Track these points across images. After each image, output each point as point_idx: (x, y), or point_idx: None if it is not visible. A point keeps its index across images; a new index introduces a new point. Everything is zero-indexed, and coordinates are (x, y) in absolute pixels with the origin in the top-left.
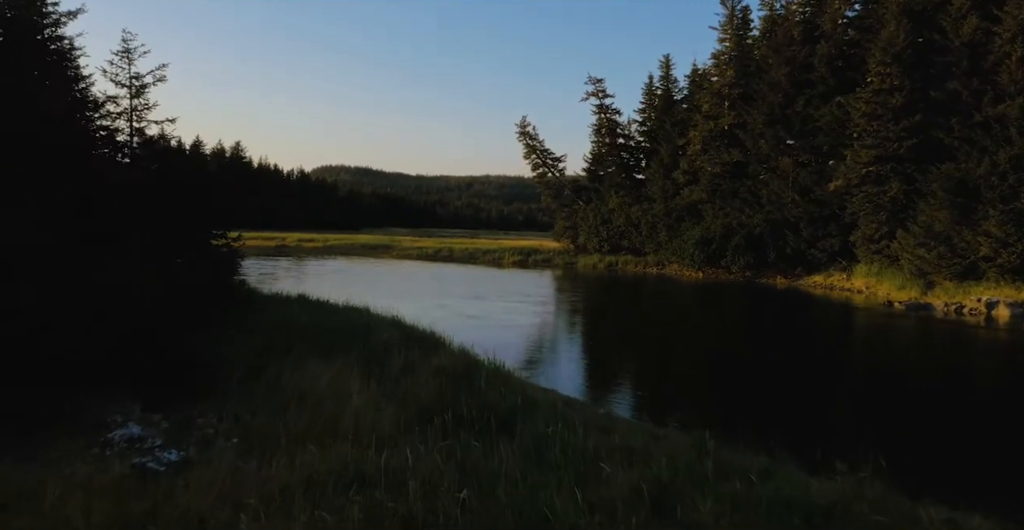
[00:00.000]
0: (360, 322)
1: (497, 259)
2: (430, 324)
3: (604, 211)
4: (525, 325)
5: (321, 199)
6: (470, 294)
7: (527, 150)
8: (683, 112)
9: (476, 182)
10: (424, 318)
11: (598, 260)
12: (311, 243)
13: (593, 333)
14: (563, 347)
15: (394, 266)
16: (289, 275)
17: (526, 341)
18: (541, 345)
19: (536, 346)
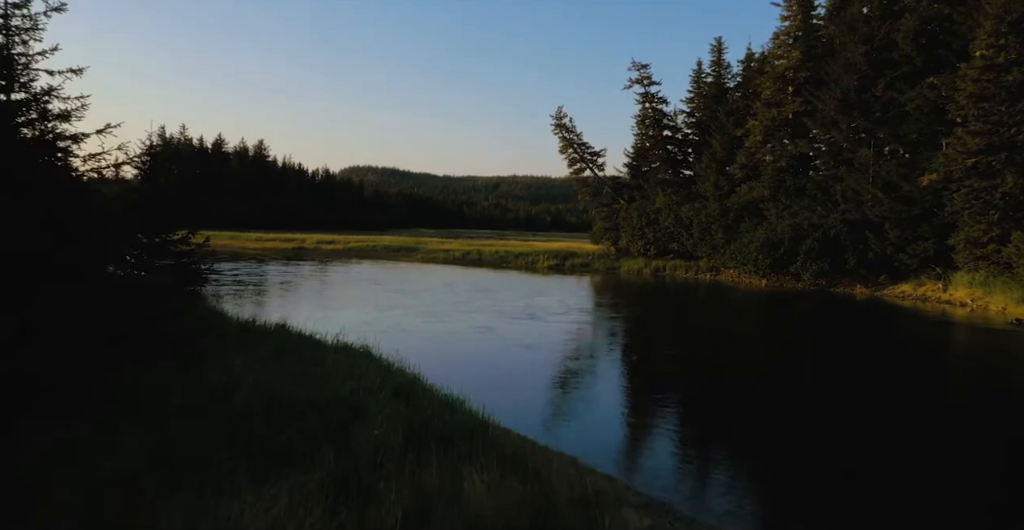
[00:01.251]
0: (347, 386)
1: (531, 263)
2: (470, 365)
3: (650, 211)
4: (600, 360)
5: (347, 199)
6: (517, 309)
7: (563, 144)
8: (738, 100)
9: (503, 182)
10: (464, 350)
11: (643, 265)
12: (331, 245)
13: (684, 380)
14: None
15: (421, 271)
16: (296, 284)
17: (616, 394)
18: (644, 406)
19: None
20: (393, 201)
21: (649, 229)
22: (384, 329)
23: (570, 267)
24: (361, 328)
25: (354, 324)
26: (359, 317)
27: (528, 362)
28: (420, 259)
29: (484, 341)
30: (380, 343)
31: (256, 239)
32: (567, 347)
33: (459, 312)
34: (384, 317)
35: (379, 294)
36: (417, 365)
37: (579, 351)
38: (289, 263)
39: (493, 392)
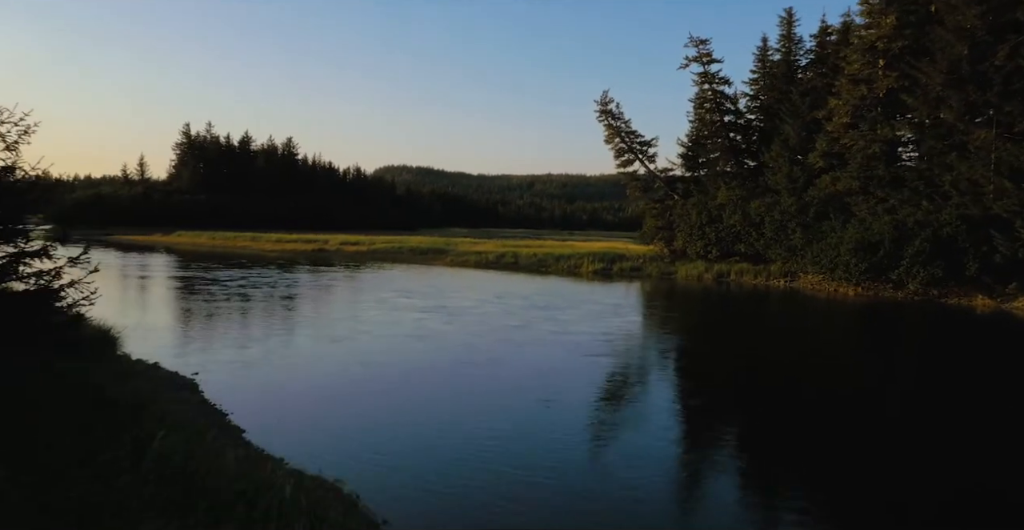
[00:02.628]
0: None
1: (574, 267)
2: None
3: (711, 207)
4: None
5: (377, 199)
6: (593, 339)
7: (609, 133)
8: (814, 78)
9: (538, 181)
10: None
11: (703, 269)
12: (354, 247)
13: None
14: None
15: (453, 277)
16: (302, 299)
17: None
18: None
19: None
20: (426, 200)
21: (710, 228)
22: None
23: (618, 271)
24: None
25: (364, 348)
26: (386, 360)
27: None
28: (450, 262)
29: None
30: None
31: (276, 240)
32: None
33: (526, 345)
34: (386, 343)
35: (410, 317)
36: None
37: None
38: (306, 268)
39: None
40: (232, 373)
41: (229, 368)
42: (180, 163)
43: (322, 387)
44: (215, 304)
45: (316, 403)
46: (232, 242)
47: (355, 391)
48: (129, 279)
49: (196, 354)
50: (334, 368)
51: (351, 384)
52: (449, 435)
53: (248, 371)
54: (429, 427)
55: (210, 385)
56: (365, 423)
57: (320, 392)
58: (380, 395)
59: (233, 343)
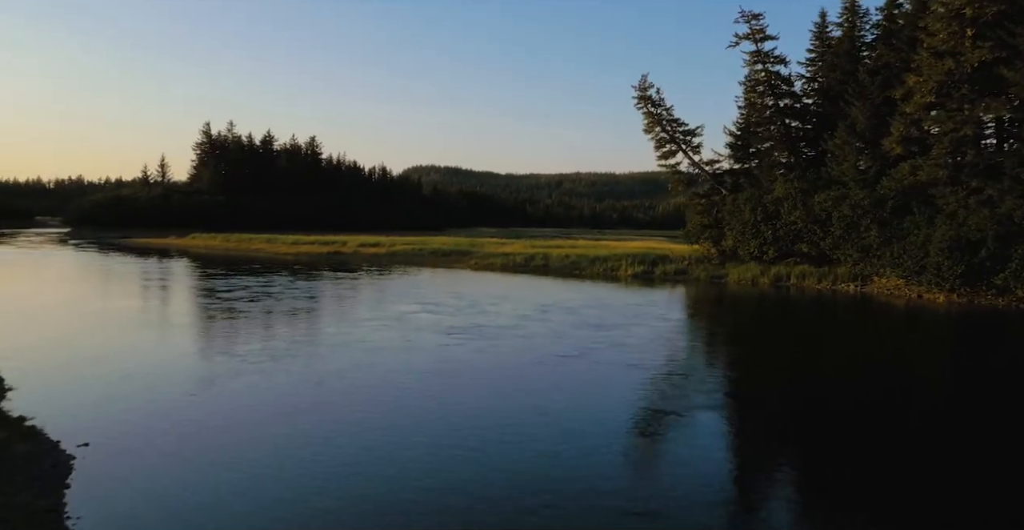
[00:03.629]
0: None
1: (610, 270)
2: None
3: (766, 202)
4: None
5: (403, 198)
6: (707, 389)
7: (649, 121)
8: (887, 53)
9: (566, 180)
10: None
11: (758, 272)
12: (373, 249)
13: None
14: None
15: (476, 284)
16: (295, 315)
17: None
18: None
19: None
20: (452, 200)
21: (766, 226)
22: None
23: (661, 275)
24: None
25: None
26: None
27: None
28: (474, 265)
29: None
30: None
31: (293, 242)
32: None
33: (594, 390)
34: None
35: (432, 342)
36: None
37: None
38: (319, 274)
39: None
40: (141, 442)
41: (143, 435)
42: (200, 163)
43: (268, 497)
44: (194, 324)
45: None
46: (246, 244)
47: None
48: (112, 291)
49: (112, 408)
50: (299, 449)
51: (312, 492)
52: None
53: (168, 442)
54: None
55: (94, 471)
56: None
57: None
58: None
59: (179, 389)
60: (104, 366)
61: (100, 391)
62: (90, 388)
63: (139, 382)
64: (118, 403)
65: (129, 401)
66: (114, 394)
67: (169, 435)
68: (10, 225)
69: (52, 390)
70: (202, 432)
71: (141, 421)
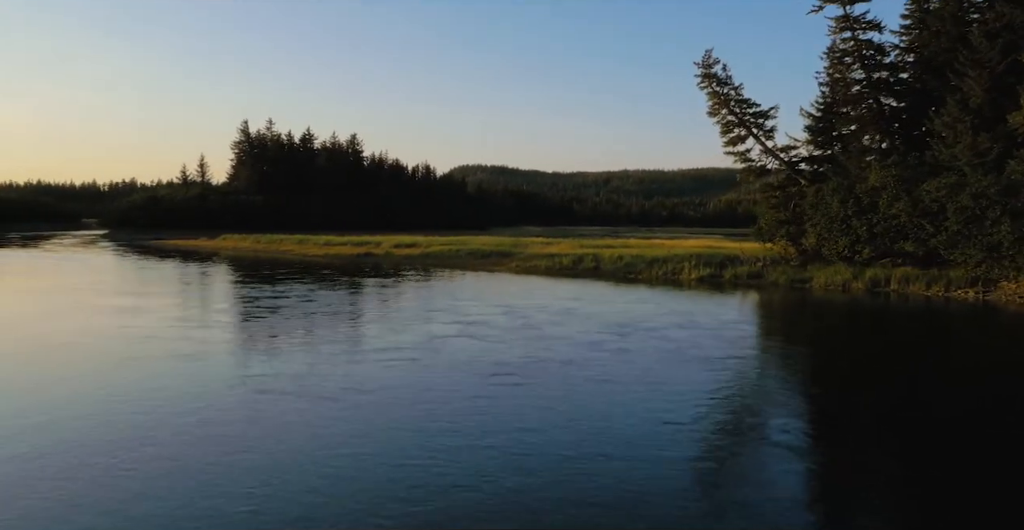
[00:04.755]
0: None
1: (671, 274)
2: None
3: (859, 193)
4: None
5: (447, 197)
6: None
7: (714, 103)
8: (1012, 12)
9: (614, 177)
10: None
11: (849, 276)
12: (408, 249)
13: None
14: None
15: (517, 294)
16: (285, 339)
17: None
18: None
19: None
20: (498, 198)
21: (859, 221)
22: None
23: (731, 279)
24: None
25: None
26: None
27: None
28: (516, 268)
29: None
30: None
31: (325, 243)
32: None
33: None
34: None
35: (478, 403)
36: None
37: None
38: (340, 281)
39: None
40: None
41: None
42: (238, 163)
43: None
44: (153, 360)
45: None
46: (277, 246)
47: None
48: (57, 311)
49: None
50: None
51: None
52: None
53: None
54: None
55: None
56: None
57: None
58: None
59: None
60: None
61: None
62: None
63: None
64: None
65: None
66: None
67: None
68: (56, 227)
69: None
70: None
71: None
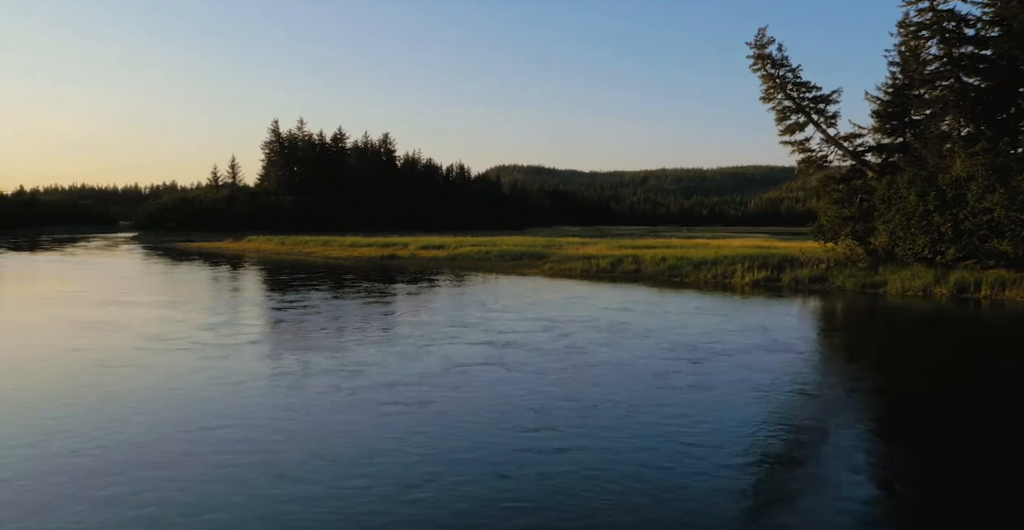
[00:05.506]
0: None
1: (722, 277)
2: None
3: (942, 185)
4: None
5: (482, 197)
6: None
7: (768, 86)
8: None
9: (652, 176)
10: None
11: (931, 279)
12: (434, 251)
13: None
14: None
15: (552, 303)
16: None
17: None
18: None
19: None
20: (534, 198)
21: (942, 217)
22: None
23: (790, 283)
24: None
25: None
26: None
27: None
28: (548, 272)
29: None
30: None
31: (350, 245)
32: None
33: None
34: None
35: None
36: None
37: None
38: (359, 286)
39: None
40: None
41: None
42: (268, 163)
43: None
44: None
45: None
46: (300, 248)
47: None
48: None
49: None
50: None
51: None
52: None
53: None
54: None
55: None
56: None
57: None
58: None
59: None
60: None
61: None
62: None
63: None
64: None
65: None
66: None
67: None
68: (93, 230)
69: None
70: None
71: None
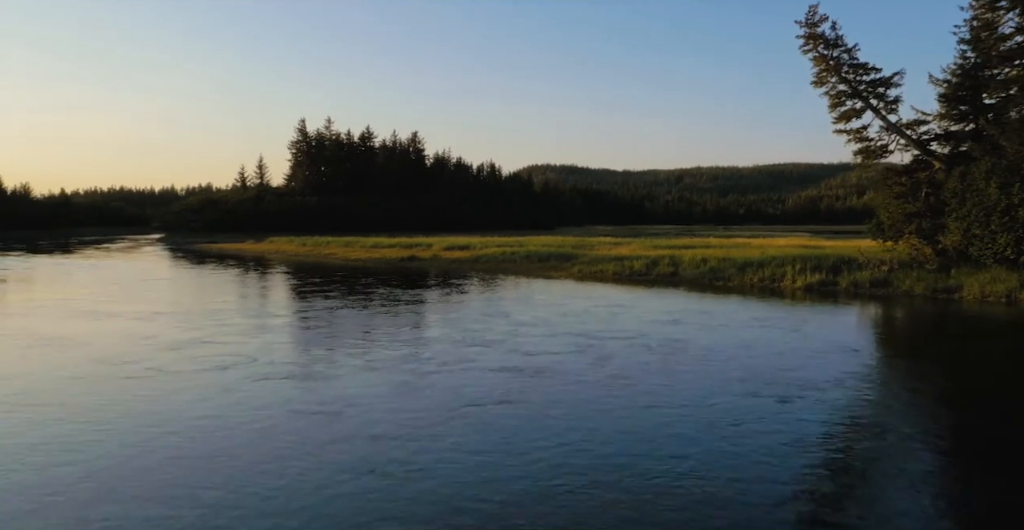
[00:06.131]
0: None
1: (770, 280)
2: None
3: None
4: None
5: (513, 197)
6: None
7: (821, 70)
8: None
9: (686, 174)
10: None
11: (1016, 283)
12: (458, 253)
13: None
14: None
15: (583, 315)
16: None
17: None
18: None
19: None
20: (566, 197)
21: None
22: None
23: (849, 287)
24: None
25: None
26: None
27: None
28: (578, 274)
29: None
30: None
31: (372, 246)
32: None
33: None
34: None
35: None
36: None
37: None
38: (374, 294)
39: None
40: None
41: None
42: (296, 163)
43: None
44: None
45: None
46: (320, 249)
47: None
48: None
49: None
50: None
51: None
52: None
53: None
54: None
55: None
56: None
57: None
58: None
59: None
60: None
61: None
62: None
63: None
64: None
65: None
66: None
67: None
68: (123, 232)
69: None
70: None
71: None
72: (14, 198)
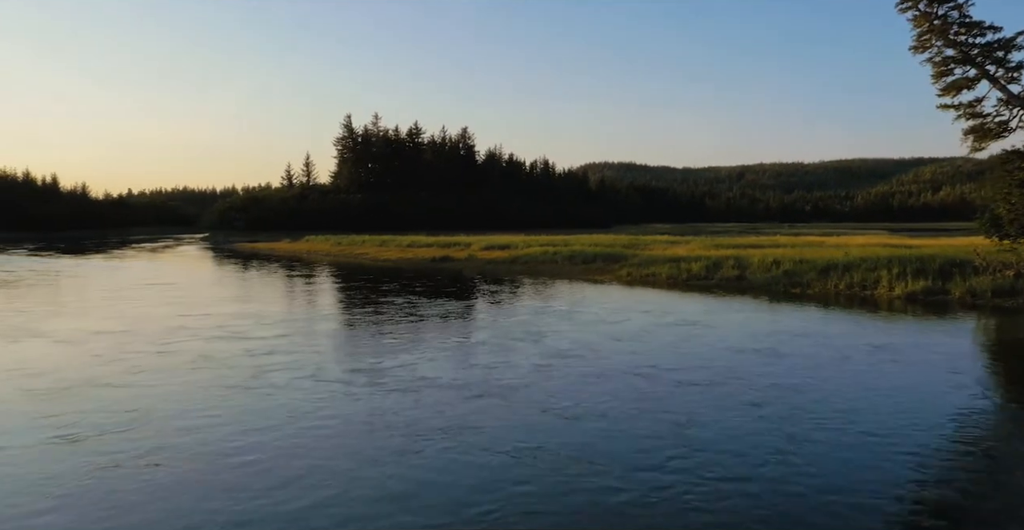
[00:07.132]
0: None
1: (860, 287)
2: None
3: None
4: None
5: (568, 195)
6: None
7: (922, 32)
8: None
9: (748, 171)
10: None
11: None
12: (496, 252)
13: None
14: None
15: (641, 336)
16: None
17: None
18: None
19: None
20: (623, 195)
21: None
22: None
23: (963, 297)
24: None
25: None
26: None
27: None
28: (626, 278)
29: None
30: None
31: (408, 245)
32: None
33: None
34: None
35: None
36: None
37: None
38: (387, 301)
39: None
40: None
41: None
42: (341, 160)
43: None
44: None
45: None
46: (354, 248)
47: None
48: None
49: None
50: None
51: None
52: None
53: None
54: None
55: None
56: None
57: None
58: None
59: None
60: None
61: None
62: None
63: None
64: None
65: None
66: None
67: None
68: (175, 231)
69: None
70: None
71: None
72: (72, 198)
